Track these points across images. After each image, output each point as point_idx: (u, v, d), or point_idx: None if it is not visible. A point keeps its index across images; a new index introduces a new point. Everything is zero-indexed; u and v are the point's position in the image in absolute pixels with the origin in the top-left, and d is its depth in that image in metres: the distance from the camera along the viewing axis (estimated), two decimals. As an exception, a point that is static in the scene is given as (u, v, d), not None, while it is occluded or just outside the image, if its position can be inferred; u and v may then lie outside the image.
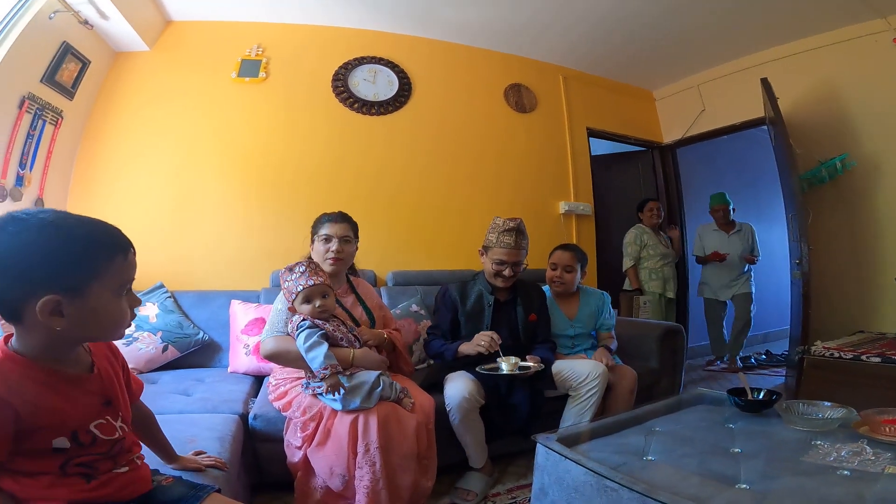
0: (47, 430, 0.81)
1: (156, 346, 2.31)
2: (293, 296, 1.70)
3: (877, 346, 2.58)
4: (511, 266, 2.15)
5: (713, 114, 4.08)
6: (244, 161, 3.01)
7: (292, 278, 1.70)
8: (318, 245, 1.97)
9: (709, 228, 4.21)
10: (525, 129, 3.78)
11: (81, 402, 0.87)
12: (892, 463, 1.09)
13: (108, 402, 0.92)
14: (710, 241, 4.15)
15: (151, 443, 1.16)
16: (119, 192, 2.78)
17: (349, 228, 2.01)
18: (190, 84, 2.99)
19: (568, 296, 2.50)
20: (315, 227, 2.03)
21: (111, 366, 0.98)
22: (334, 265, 1.95)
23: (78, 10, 2.47)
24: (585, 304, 2.49)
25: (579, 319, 2.45)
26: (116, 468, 0.92)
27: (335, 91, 3.25)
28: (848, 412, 1.42)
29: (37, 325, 0.78)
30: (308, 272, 1.70)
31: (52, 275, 0.77)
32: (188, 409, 1.82)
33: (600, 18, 3.30)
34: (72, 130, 2.67)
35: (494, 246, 2.16)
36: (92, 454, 0.87)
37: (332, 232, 1.96)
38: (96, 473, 0.88)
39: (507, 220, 2.18)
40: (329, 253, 1.93)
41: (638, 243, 3.91)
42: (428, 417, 1.77)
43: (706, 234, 4.21)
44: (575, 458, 1.26)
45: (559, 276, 2.45)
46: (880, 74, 3.18)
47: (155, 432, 1.17)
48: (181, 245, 2.82)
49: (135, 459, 0.97)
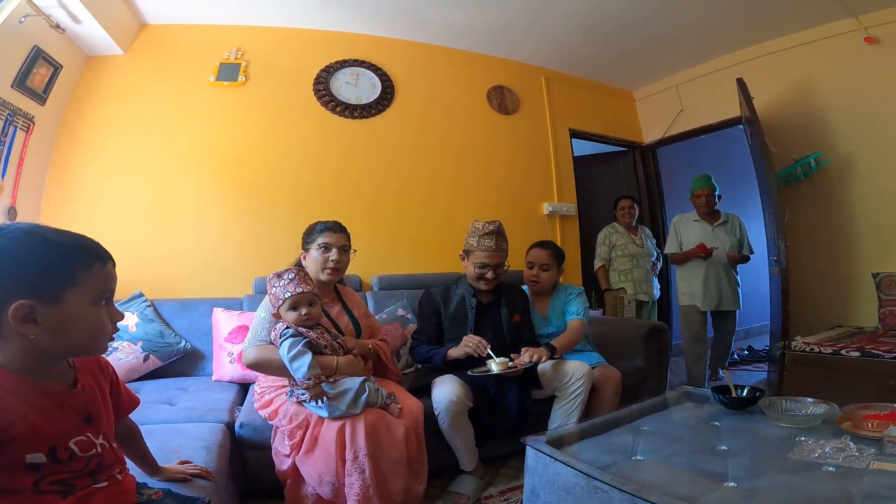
0: (21, 444, 0.79)
1: (136, 356, 2.26)
2: (280, 302, 1.68)
3: (855, 341, 2.64)
4: (493, 269, 2.16)
5: (692, 114, 4.14)
6: (224, 166, 2.96)
7: (280, 284, 1.68)
8: (315, 254, 1.92)
9: (688, 219, 3.55)
10: (508, 131, 3.79)
11: (61, 418, 0.85)
12: (876, 458, 1.11)
13: (90, 419, 0.90)
14: (689, 233, 3.48)
15: (134, 456, 1.13)
16: (95, 199, 2.71)
17: (346, 238, 1.99)
18: (166, 88, 2.93)
19: (544, 294, 2.48)
20: (309, 235, 1.98)
21: (97, 381, 0.96)
22: (332, 275, 1.93)
23: (49, 14, 2.41)
24: (556, 301, 2.46)
25: (550, 317, 2.43)
26: (95, 484, 0.89)
27: (317, 94, 3.22)
28: (830, 408, 1.45)
29: (12, 334, 0.76)
30: (297, 279, 1.68)
31: (25, 281, 0.76)
32: (173, 419, 1.78)
33: (581, 20, 3.33)
34: (44, 137, 2.60)
35: (476, 250, 2.16)
36: (69, 471, 0.85)
37: (331, 241, 1.92)
38: (73, 490, 0.85)
39: (486, 224, 2.19)
40: (329, 262, 1.91)
41: (606, 244, 3.78)
42: (417, 422, 1.76)
43: (685, 225, 3.54)
44: (564, 460, 1.26)
45: (535, 274, 2.42)
46: (853, 73, 3.26)
47: (138, 445, 1.15)
48: (160, 253, 2.76)
49: (116, 475, 0.94)
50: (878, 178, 3.20)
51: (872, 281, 3.11)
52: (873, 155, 3.21)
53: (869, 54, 3.18)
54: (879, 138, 3.17)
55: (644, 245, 3.83)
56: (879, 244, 3.20)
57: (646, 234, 3.95)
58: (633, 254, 3.74)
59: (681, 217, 3.60)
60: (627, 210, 3.83)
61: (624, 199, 3.90)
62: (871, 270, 3.13)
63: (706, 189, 3.44)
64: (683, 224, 3.56)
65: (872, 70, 3.18)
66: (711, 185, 3.46)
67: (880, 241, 3.20)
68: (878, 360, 2.40)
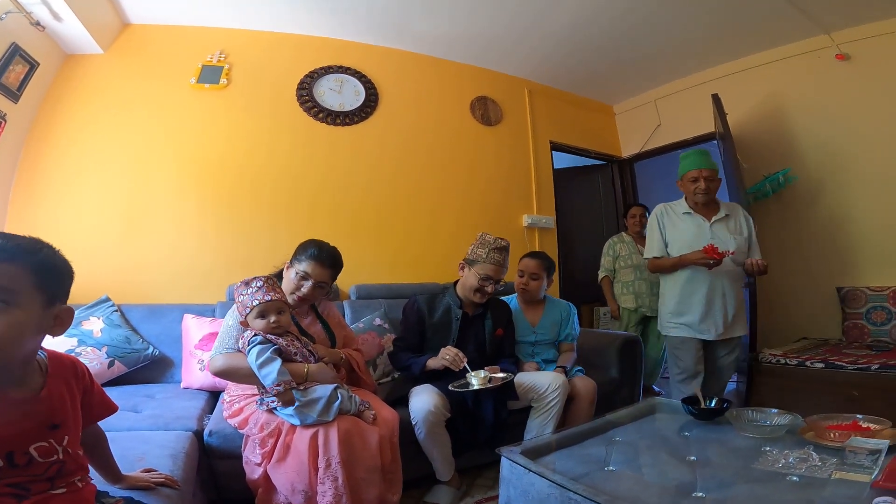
0: None
1: (101, 362, 2.19)
2: (247, 310, 1.65)
3: (820, 352, 2.72)
4: (494, 283, 2.18)
5: (669, 128, 4.22)
6: (201, 170, 2.91)
7: (248, 293, 1.65)
8: (292, 276, 1.89)
9: (675, 211, 2.60)
10: (490, 142, 3.82)
11: (19, 424, 0.83)
12: (838, 468, 1.15)
13: (55, 426, 0.89)
14: (678, 231, 2.54)
15: (96, 463, 1.10)
16: (64, 200, 2.64)
17: (330, 276, 1.94)
18: (145, 89, 2.89)
19: (534, 303, 2.55)
20: (299, 253, 1.92)
21: (69, 388, 0.94)
22: (299, 302, 1.91)
23: (31, 12, 2.36)
24: (549, 312, 2.53)
25: (542, 327, 2.49)
26: (53, 489, 0.88)
27: (299, 100, 3.21)
28: (794, 418, 1.49)
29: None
30: (265, 287, 1.66)
31: None
32: (137, 426, 1.73)
33: (566, 35, 3.40)
34: (15, 135, 2.53)
35: (484, 261, 2.17)
36: (26, 475, 0.84)
37: (311, 273, 1.87)
38: (28, 494, 0.84)
39: (498, 239, 2.22)
40: (299, 291, 1.87)
41: (610, 254, 3.61)
42: (392, 431, 1.75)
43: (671, 220, 2.59)
44: (538, 471, 1.27)
45: (525, 282, 2.50)
46: (823, 90, 3.35)
47: (102, 452, 1.12)
48: (131, 257, 2.69)
49: (76, 482, 0.92)
50: (844, 195, 3.30)
51: (837, 295, 3.21)
52: (841, 171, 3.30)
53: (840, 71, 3.27)
54: (847, 155, 3.26)
55: None
56: (844, 259, 3.30)
57: None
58: (637, 265, 3.48)
59: (665, 208, 2.62)
60: (639, 218, 3.62)
61: (635, 207, 3.71)
62: (836, 285, 3.24)
63: (706, 170, 2.46)
64: (669, 218, 2.58)
65: (842, 86, 3.26)
66: (712, 163, 2.50)
67: (845, 257, 3.30)
68: (841, 371, 2.48)
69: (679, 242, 2.52)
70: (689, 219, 2.55)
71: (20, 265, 0.82)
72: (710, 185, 2.47)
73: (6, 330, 0.80)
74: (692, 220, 2.54)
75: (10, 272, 0.80)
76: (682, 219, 2.57)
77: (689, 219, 2.55)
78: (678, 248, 2.51)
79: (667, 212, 2.62)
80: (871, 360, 2.48)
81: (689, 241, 2.48)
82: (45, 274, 0.84)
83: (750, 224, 2.56)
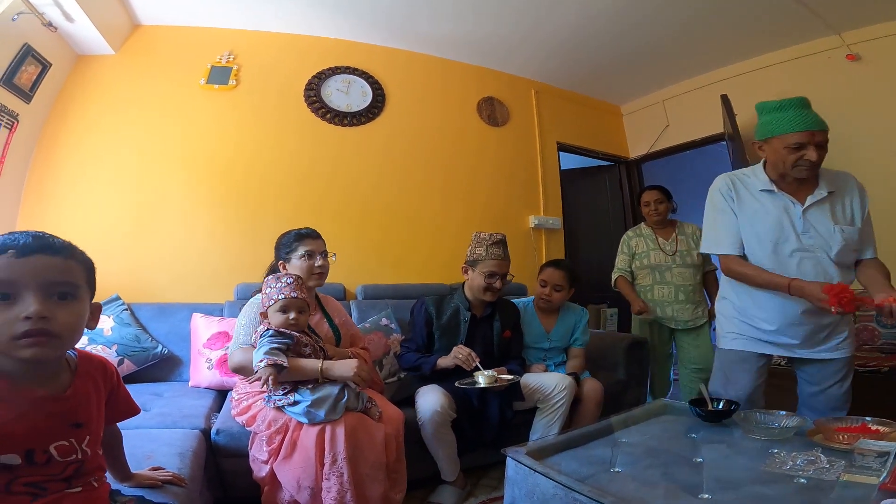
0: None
1: (111, 360, 2.21)
2: (272, 302, 1.68)
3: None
4: (501, 277, 2.17)
5: (677, 129, 4.18)
6: (210, 170, 2.94)
7: (277, 286, 1.69)
8: (299, 262, 1.93)
9: (747, 185, 1.79)
10: (497, 143, 3.82)
11: (41, 423, 0.84)
12: (846, 470, 1.14)
13: (78, 425, 0.89)
14: (751, 217, 1.78)
15: (109, 461, 1.11)
16: (75, 199, 2.67)
17: (324, 243, 2.03)
18: (155, 89, 2.92)
19: (549, 311, 2.50)
20: (287, 244, 1.97)
21: (95, 387, 0.96)
22: (319, 279, 1.96)
23: (43, 13, 2.39)
24: (563, 320, 2.48)
25: (556, 334, 2.46)
26: (70, 489, 0.88)
27: (307, 100, 3.22)
28: (802, 420, 1.47)
29: None
30: (294, 285, 1.71)
31: None
32: (145, 425, 1.73)
33: (572, 34, 3.39)
34: (27, 135, 2.56)
35: (485, 259, 2.16)
36: (43, 474, 0.84)
37: (314, 248, 1.96)
38: (45, 493, 0.84)
39: (492, 234, 2.22)
40: (315, 269, 1.94)
41: (625, 251, 3.02)
42: (397, 429, 1.76)
43: (741, 198, 1.78)
44: (543, 472, 1.27)
45: (547, 293, 2.43)
46: (834, 90, 3.28)
47: (116, 451, 1.13)
48: (141, 256, 2.72)
49: (92, 481, 0.92)
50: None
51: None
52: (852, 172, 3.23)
53: (851, 71, 3.22)
54: (857, 156, 3.21)
55: (679, 252, 2.83)
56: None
57: (687, 235, 2.88)
58: (656, 265, 2.86)
59: (732, 181, 1.81)
60: (653, 206, 2.92)
61: (648, 192, 2.99)
62: (847, 287, 3.18)
63: (819, 132, 1.64)
64: (740, 198, 1.78)
65: (853, 87, 3.21)
66: (822, 121, 1.66)
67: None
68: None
69: (751, 235, 1.73)
70: (769, 199, 1.71)
71: (76, 262, 0.88)
72: (821, 154, 1.63)
73: (76, 321, 0.85)
74: (774, 202, 1.70)
75: (72, 268, 0.86)
76: (757, 198, 1.74)
77: (770, 199, 1.71)
78: (750, 244, 1.73)
79: (734, 186, 1.78)
80: (882, 362, 2.45)
81: (766, 233, 1.69)
82: (90, 270, 0.91)
83: (864, 203, 1.73)
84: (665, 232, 2.90)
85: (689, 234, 2.86)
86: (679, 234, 2.88)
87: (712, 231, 1.81)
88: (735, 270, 1.74)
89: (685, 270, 2.81)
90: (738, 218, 1.75)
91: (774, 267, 1.65)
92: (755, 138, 1.74)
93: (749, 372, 1.78)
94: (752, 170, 1.79)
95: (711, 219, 1.82)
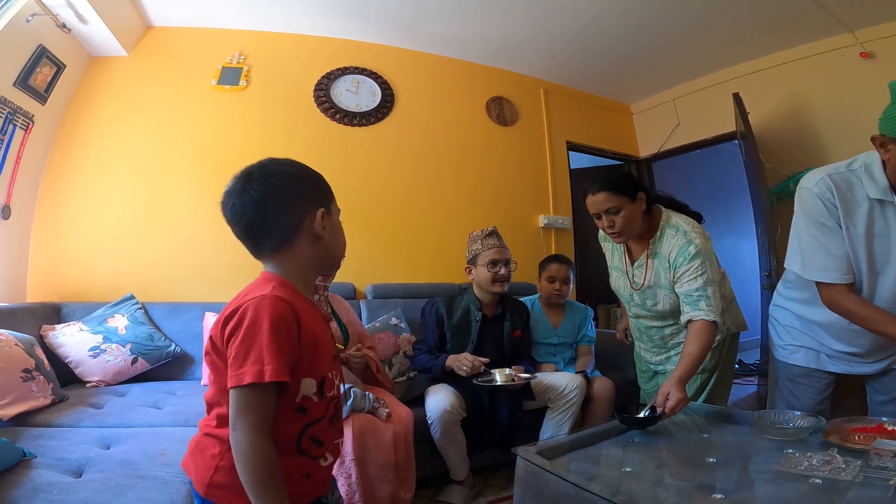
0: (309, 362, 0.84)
1: (125, 359, 2.24)
2: None
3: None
4: (504, 264, 2.18)
5: (688, 128, 4.15)
6: (222, 170, 2.91)
7: None
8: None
9: (853, 189, 1.40)
10: (506, 142, 3.81)
11: (327, 344, 0.90)
12: (862, 471, 1.12)
13: (335, 356, 0.94)
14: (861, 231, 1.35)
15: None
16: (89, 200, 2.70)
17: None
18: (167, 90, 2.95)
19: (556, 306, 2.55)
20: None
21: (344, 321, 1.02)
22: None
23: (57, 14, 2.43)
24: (570, 316, 2.55)
25: (563, 329, 2.50)
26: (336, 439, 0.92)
27: (317, 101, 3.24)
28: (817, 421, 1.45)
29: (305, 244, 0.93)
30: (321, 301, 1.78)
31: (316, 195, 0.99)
32: (159, 423, 1.77)
33: (580, 33, 3.37)
34: (42, 136, 2.60)
35: (483, 251, 2.19)
36: (320, 418, 0.87)
37: None
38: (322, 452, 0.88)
39: (482, 229, 2.26)
40: None
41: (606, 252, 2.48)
42: (406, 429, 1.76)
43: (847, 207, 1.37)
44: (554, 471, 1.26)
45: (558, 288, 2.50)
46: (848, 88, 3.26)
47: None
48: (154, 256, 2.75)
49: (338, 444, 0.95)
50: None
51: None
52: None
53: (864, 69, 3.18)
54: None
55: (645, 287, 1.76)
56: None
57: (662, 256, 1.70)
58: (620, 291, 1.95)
59: (834, 183, 1.42)
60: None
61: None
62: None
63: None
64: (846, 206, 1.38)
65: (867, 85, 3.15)
66: None
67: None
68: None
69: (862, 257, 1.34)
70: (883, 211, 1.31)
71: None
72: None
73: None
74: (892, 215, 1.30)
75: None
76: (870, 208, 1.33)
77: (885, 211, 1.31)
78: (860, 270, 1.35)
79: (838, 190, 1.36)
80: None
81: (880, 251, 1.32)
82: None
83: None
84: (638, 245, 1.79)
85: (664, 255, 1.69)
86: (653, 253, 1.73)
87: (812, 251, 1.38)
88: (846, 308, 1.32)
89: (651, 318, 1.81)
90: (848, 234, 1.33)
91: (891, 303, 1.26)
92: (879, 131, 1.30)
93: (814, 387, 1.59)
94: (863, 168, 1.36)
95: (809, 234, 1.40)
